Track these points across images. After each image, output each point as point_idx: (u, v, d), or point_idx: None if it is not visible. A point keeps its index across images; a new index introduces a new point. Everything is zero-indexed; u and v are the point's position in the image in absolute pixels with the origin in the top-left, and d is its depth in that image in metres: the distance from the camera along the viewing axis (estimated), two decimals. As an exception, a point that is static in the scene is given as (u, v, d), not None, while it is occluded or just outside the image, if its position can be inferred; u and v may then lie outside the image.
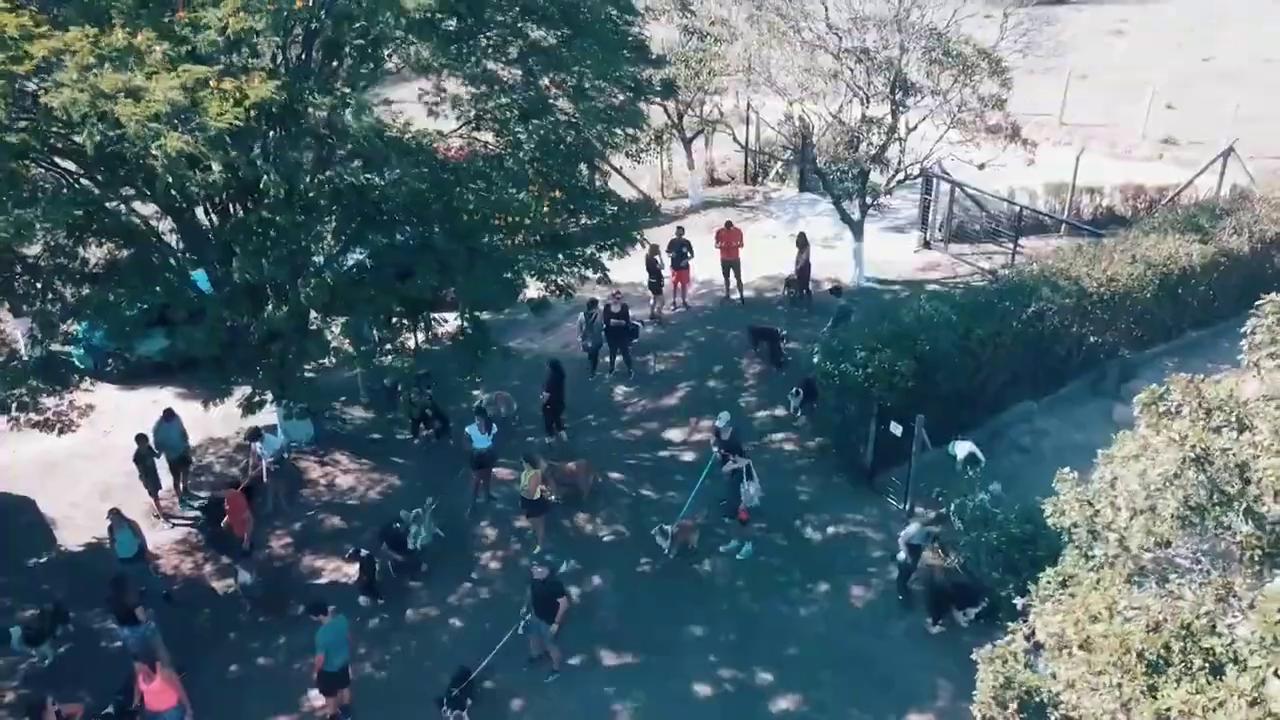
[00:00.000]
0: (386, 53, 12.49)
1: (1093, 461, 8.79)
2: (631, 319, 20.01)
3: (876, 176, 21.30)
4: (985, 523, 13.09)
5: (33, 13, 10.24)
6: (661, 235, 22.71)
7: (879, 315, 18.01)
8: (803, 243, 21.99)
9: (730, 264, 22.44)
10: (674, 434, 18.44)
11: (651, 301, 22.17)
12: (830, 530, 15.92)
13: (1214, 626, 8.16)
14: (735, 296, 22.88)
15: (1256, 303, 8.82)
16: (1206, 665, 7.95)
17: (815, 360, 16.89)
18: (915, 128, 20.85)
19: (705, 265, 22.95)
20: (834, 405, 16.74)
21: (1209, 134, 26.14)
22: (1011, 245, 23.08)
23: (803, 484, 16.99)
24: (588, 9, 13.62)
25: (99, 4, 10.33)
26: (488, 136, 15.11)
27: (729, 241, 22.12)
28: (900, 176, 21.16)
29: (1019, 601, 10.36)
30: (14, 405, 13.69)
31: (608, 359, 20.19)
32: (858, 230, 22.24)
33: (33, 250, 13.13)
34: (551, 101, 14.37)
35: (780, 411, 18.75)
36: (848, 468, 16.86)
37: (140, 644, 13.21)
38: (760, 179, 29.62)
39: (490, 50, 13.25)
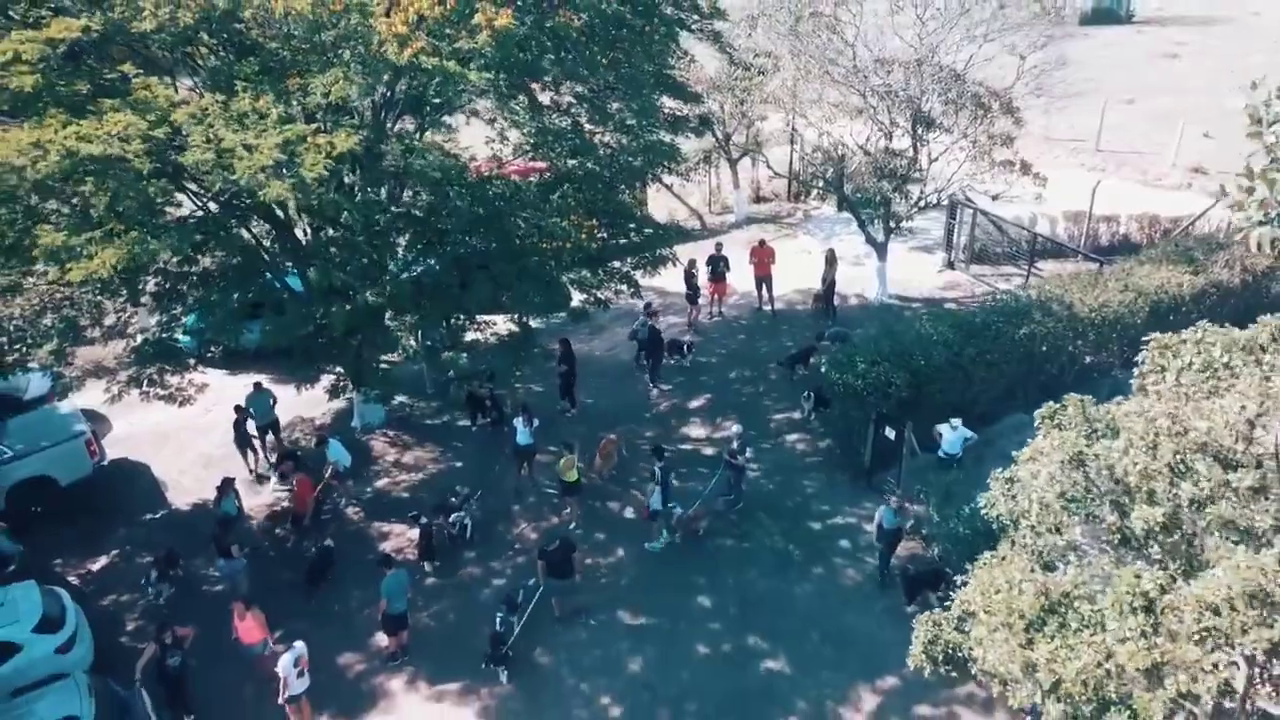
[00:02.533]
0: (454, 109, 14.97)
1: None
2: (670, 334, 22.33)
3: (899, 203, 23.16)
4: (956, 516, 15.09)
5: (172, 81, 12.99)
6: (705, 249, 24.97)
7: (888, 332, 19.97)
8: (831, 259, 24.02)
9: (763, 279, 24.59)
10: (699, 431, 20.67)
11: (689, 310, 24.40)
12: (829, 521, 18.01)
13: (1088, 597, 10.18)
14: (767, 308, 25.02)
15: (1143, 339, 10.79)
16: (1077, 627, 9.98)
17: (823, 370, 19.00)
18: (936, 159, 22.70)
19: (743, 278, 25.14)
20: (838, 411, 18.82)
21: (1241, 164, 27.23)
22: (1027, 268, 24.74)
23: (809, 479, 19.11)
24: (628, 64, 15.91)
25: (228, 73, 13.03)
26: (541, 164, 17.57)
27: (761, 258, 24.28)
28: (921, 204, 22.99)
29: (959, 579, 12.42)
30: (145, 382, 16.65)
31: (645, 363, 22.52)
32: (881, 251, 24.18)
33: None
34: (595, 141, 16.75)
35: (796, 415, 20.86)
36: (849, 467, 18.92)
37: (233, 576, 15.98)
38: (803, 197, 31.57)
39: (542, 106, 15.72)
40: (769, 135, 29.35)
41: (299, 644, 14.18)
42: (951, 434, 17.35)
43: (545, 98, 16.21)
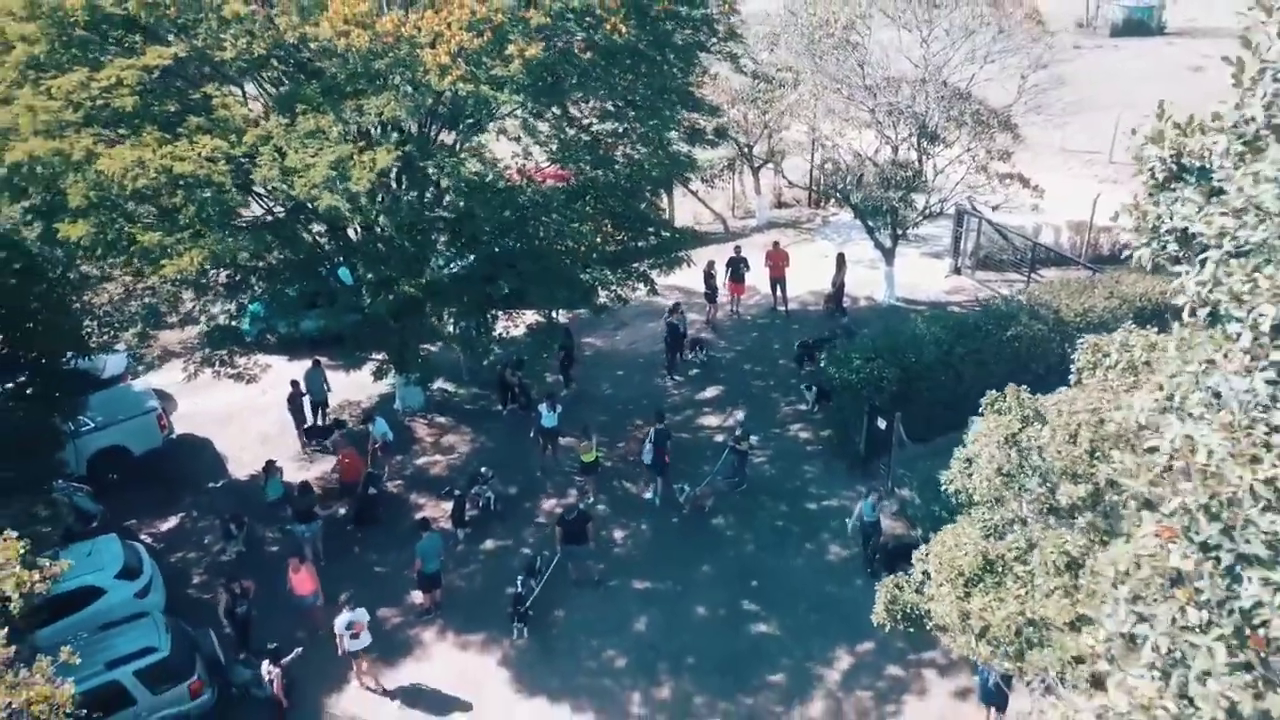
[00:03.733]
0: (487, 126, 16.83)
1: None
2: (690, 330, 24.17)
3: (905, 212, 24.69)
4: (935, 499, 16.72)
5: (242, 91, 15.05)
6: (726, 251, 26.72)
7: (884, 330, 21.59)
8: (840, 263, 25.65)
9: (777, 280, 26.27)
10: (710, 420, 22.42)
11: (708, 309, 26.14)
12: (824, 503, 19.70)
13: (1022, 559, 11.84)
14: (781, 308, 26.69)
15: (1078, 339, 12.39)
16: (1010, 584, 11.66)
17: (823, 365, 20.69)
18: (941, 172, 24.23)
19: (761, 279, 26.83)
20: (836, 403, 20.48)
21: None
22: (1028, 275, 26.17)
23: (809, 465, 20.81)
24: (646, 86, 17.68)
25: (293, 94, 15.06)
26: (565, 172, 19.48)
27: (776, 261, 25.97)
28: (926, 213, 24.51)
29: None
30: (217, 362, 18.84)
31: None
32: (889, 256, 25.75)
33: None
34: (616, 153, 18.59)
35: (802, 406, 22.53)
36: (846, 454, 20.57)
37: (313, 538, 18.05)
38: (822, 203, 33.13)
39: (566, 122, 17.64)
40: (791, 144, 30.87)
41: (361, 610, 16.12)
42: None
43: (569, 114, 18.08)
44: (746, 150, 30.93)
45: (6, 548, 13.20)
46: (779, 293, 26.56)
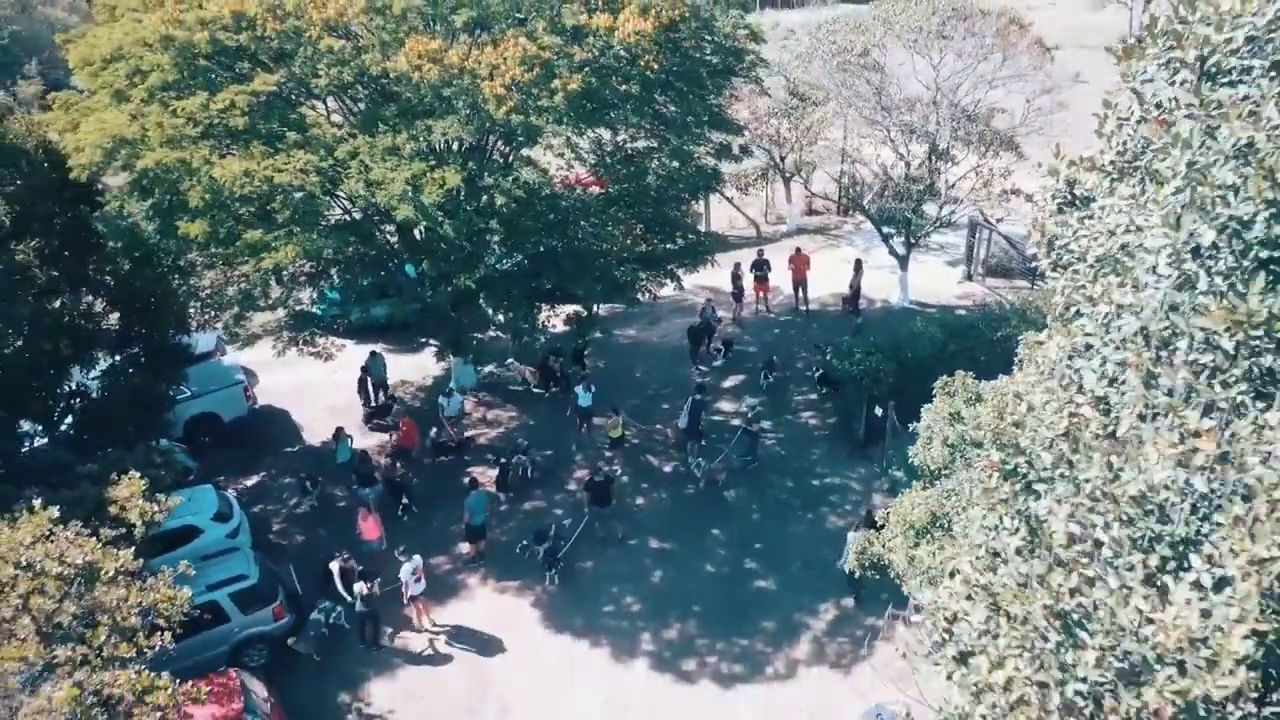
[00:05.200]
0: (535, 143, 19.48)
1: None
2: (714, 322, 26.71)
3: (917, 222, 26.95)
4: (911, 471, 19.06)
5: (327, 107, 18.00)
6: (752, 254, 29.17)
7: (884, 328, 23.91)
8: (858, 267, 28.00)
9: (799, 282, 28.70)
10: (729, 405, 24.93)
11: (734, 307, 28.63)
12: (826, 480, 22.13)
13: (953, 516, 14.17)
14: (802, 307, 29.11)
15: (1019, 336, 14.70)
16: (955, 536, 14.01)
17: (828, 358, 23.12)
18: (953, 186, 26.44)
19: (785, 281, 29.26)
20: (840, 393, 22.89)
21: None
22: (1032, 282, 28.20)
23: (816, 448, 23.24)
24: (677, 110, 20.27)
25: (374, 114, 17.96)
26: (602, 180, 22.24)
27: (798, 265, 28.40)
28: (937, 223, 26.72)
29: (893, 513, 16.46)
30: (301, 341, 21.90)
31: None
32: (903, 263, 28.01)
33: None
34: (648, 166, 21.25)
35: (813, 396, 24.95)
36: (848, 439, 22.94)
37: (376, 498, 20.98)
38: (850, 211, 35.36)
39: (603, 142, 20.43)
40: (821, 155, 33.14)
41: (416, 557, 18.93)
42: None
43: (605, 134, 20.77)
44: (779, 161, 33.30)
45: (131, 484, 16.25)
46: (800, 294, 28.98)
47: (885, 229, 27.03)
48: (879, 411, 21.60)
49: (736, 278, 28.06)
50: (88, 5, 70.29)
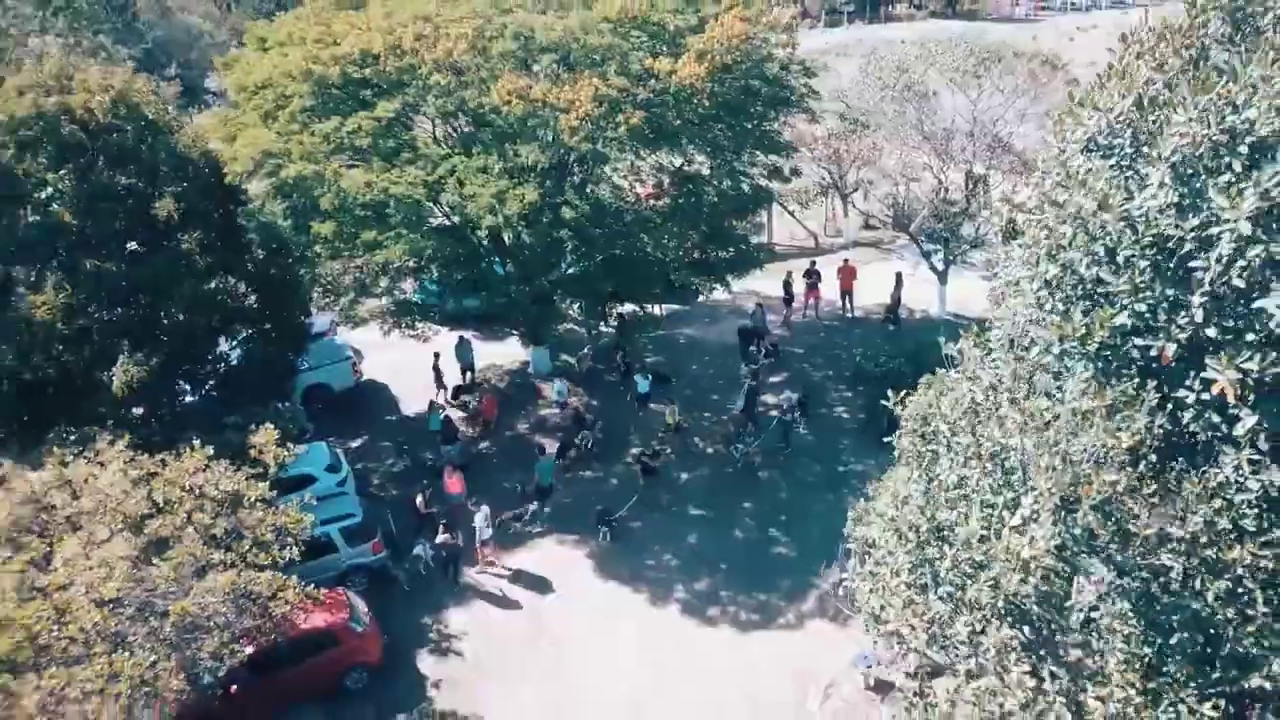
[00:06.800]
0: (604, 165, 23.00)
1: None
2: (764, 326, 29.86)
3: (954, 241, 29.59)
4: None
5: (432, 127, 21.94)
6: (803, 264, 32.16)
7: (912, 336, 26.68)
8: (898, 280, 30.80)
9: (846, 291, 31.65)
10: (771, 399, 27.99)
11: (784, 311, 31.68)
12: (850, 466, 25.08)
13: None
14: (848, 315, 32.01)
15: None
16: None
17: (858, 360, 26.08)
18: (985, 208, 28.98)
19: (834, 289, 32.19)
20: (867, 390, 25.78)
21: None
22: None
23: (845, 438, 26.20)
24: (730, 138, 23.54)
25: (471, 139, 21.70)
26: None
27: (845, 275, 31.36)
28: (973, 242, 29.30)
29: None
30: (404, 325, 25.87)
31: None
32: (942, 277, 30.66)
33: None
34: (705, 187, 24.57)
35: (849, 393, 27.88)
36: (874, 431, 25.77)
37: (459, 455, 24.76)
38: (909, 226, 37.92)
39: (664, 168, 23.87)
40: (876, 176, 35.88)
41: (485, 506, 22.56)
42: None
43: (665, 159, 24.21)
44: (839, 178, 36.18)
45: (267, 434, 20.16)
46: (846, 302, 31.90)
47: (925, 246, 29.71)
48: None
49: (788, 285, 31.10)
50: (220, 11, 76.22)
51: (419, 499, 22.91)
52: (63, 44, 47.11)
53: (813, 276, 31.59)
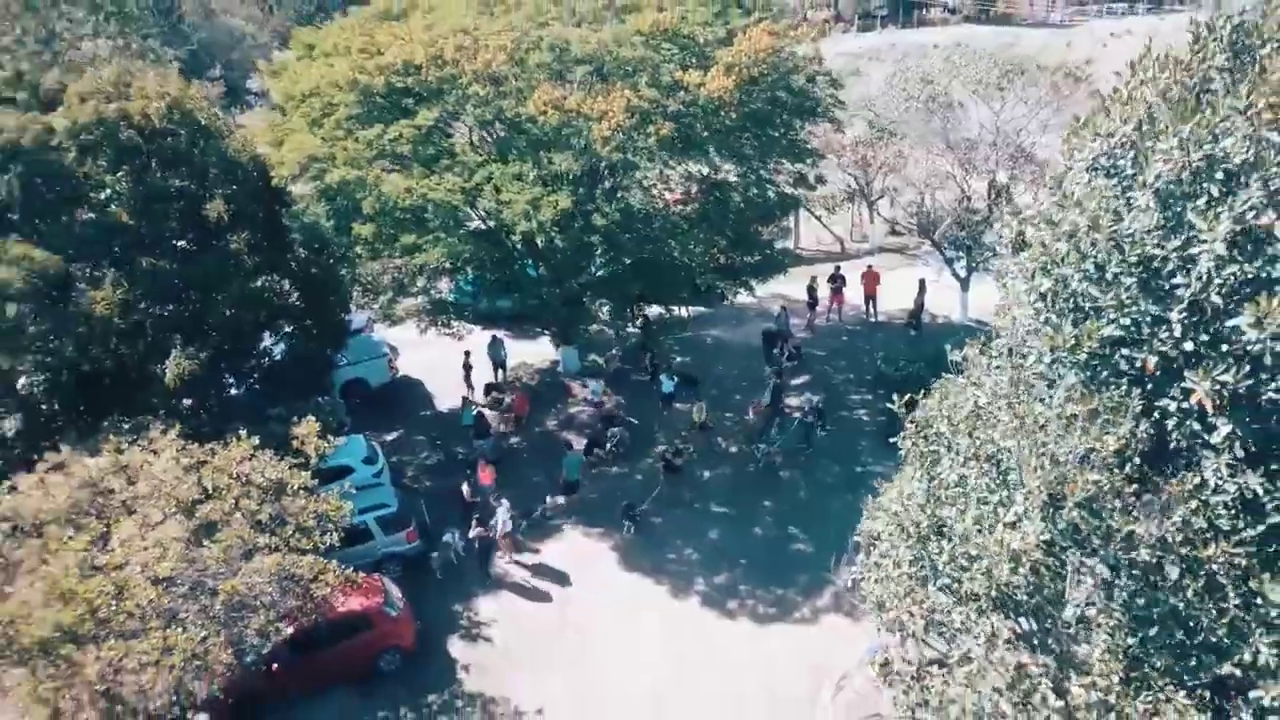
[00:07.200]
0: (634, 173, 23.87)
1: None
2: (788, 329, 30.58)
3: (976, 249, 30.13)
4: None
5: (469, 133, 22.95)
6: (827, 269, 32.82)
7: (932, 342, 27.25)
8: (921, 287, 31.41)
9: (869, 296, 32.31)
10: (793, 400, 28.73)
11: (809, 315, 32.37)
12: (869, 468, 25.69)
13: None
14: (871, 319, 32.65)
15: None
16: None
17: (879, 364, 26.74)
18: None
19: (858, 294, 32.84)
20: (886, 393, 26.43)
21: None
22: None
23: (865, 440, 26.87)
24: (756, 147, 24.30)
25: (508, 145, 22.62)
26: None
27: (869, 281, 32.02)
28: (994, 251, 29.82)
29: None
30: (440, 323, 26.87)
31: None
32: (964, 284, 31.22)
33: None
34: (731, 194, 25.35)
35: (869, 396, 28.53)
36: (892, 432, 26.32)
37: (491, 450, 25.73)
38: (932, 233, 38.45)
39: (692, 176, 24.66)
40: (902, 183, 36.43)
41: (505, 501, 23.46)
42: None
43: (694, 167, 25.02)
44: (865, 185, 36.80)
45: (309, 425, 21.18)
46: (870, 307, 32.54)
47: (949, 253, 30.30)
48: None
49: (812, 290, 31.80)
50: (262, 14, 77.84)
51: (465, 487, 23.87)
52: (113, 47, 48.66)
53: (837, 281, 32.29)
